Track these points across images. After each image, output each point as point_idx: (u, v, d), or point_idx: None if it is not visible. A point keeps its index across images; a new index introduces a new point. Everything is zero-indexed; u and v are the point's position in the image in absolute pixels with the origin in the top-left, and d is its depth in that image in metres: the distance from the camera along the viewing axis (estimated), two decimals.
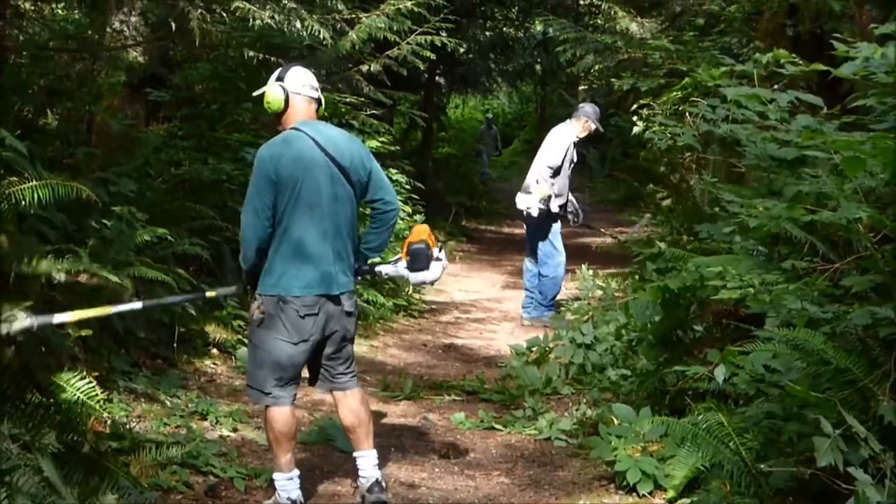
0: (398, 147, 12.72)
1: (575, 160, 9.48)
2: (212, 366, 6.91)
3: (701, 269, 5.39)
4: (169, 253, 6.83)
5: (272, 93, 4.57)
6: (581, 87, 22.42)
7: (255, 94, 4.74)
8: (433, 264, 4.74)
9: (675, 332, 6.03)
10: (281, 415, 4.48)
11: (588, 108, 9.54)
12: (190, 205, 7.52)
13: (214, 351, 7.09)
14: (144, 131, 8.60)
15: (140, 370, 6.18)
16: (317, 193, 4.42)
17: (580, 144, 9.51)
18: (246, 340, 7.22)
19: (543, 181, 9.15)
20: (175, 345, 6.64)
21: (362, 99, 10.21)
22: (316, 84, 4.67)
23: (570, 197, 9.61)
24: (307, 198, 4.40)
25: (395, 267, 4.80)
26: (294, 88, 4.58)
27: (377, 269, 4.83)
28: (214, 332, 7.07)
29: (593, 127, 9.36)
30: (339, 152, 4.50)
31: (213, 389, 6.46)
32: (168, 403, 5.90)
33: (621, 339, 7.30)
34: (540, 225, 9.31)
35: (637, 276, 9.07)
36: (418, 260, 4.73)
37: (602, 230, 11.29)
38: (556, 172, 9.22)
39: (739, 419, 4.63)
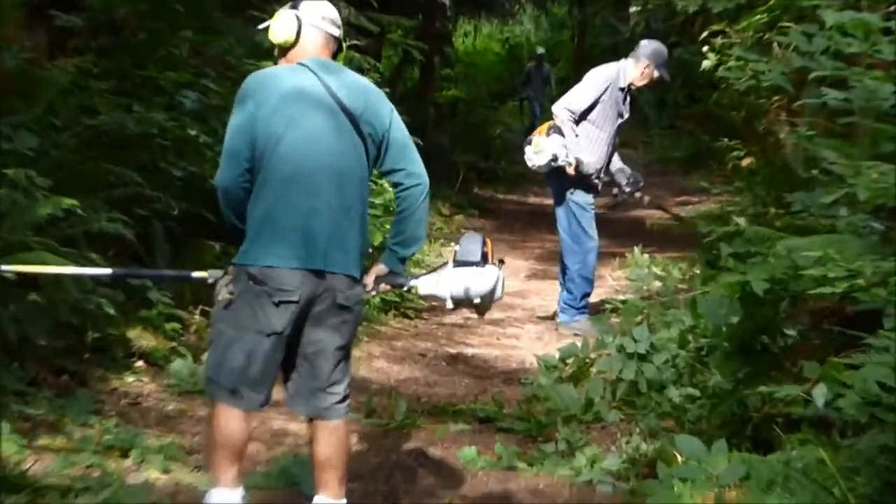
0: (388, 89, 12.66)
1: (626, 115, 9.33)
2: (136, 384, 6.90)
3: (794, 253, 5.36)
4: (80, 232, 6.86)
5: (282, 22, 4.64)
6: (632, 9, 22.35)
7: (259, 26, 4.80)
8: (488, 267, 4.75)
9: (758, 338, 6.03)
10: (234, 418, 4.48)
11: (651, 48, 9.30)
12: (109, 167, 7.54)
13: (140, 364, 7.10)
14: (48, 68, 8.54)
15: (39, 390, 6.18)
16: (312, 141, 4.46)
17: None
18: (182, 350, 7.28)
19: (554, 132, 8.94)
20: (86, 355, 6.66)
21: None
22: (339, 20, 4.75)
23: (619, 161, 9.44)
24: (298, 145, 4.44)
25: (436, 276, 4.81)
26: (310, 20, 4.64)
27: (413, 282, 4.86)
28: (140, 338, 7.10)
29: (656, 74, 9.21)
30: (350, 96, 4.55)
31: (138, 416, 6.45)
32: (76, 435, 5.87)
33: (686, 347, 7.29)
34: (563, 185, 9.14)
35: (708, 263, 9.02)
36: (468, 251, 4.78)
37: (666, 210, 11.05)
38: (580, 120, 9.01)
39: (846, 455, 4.62)
